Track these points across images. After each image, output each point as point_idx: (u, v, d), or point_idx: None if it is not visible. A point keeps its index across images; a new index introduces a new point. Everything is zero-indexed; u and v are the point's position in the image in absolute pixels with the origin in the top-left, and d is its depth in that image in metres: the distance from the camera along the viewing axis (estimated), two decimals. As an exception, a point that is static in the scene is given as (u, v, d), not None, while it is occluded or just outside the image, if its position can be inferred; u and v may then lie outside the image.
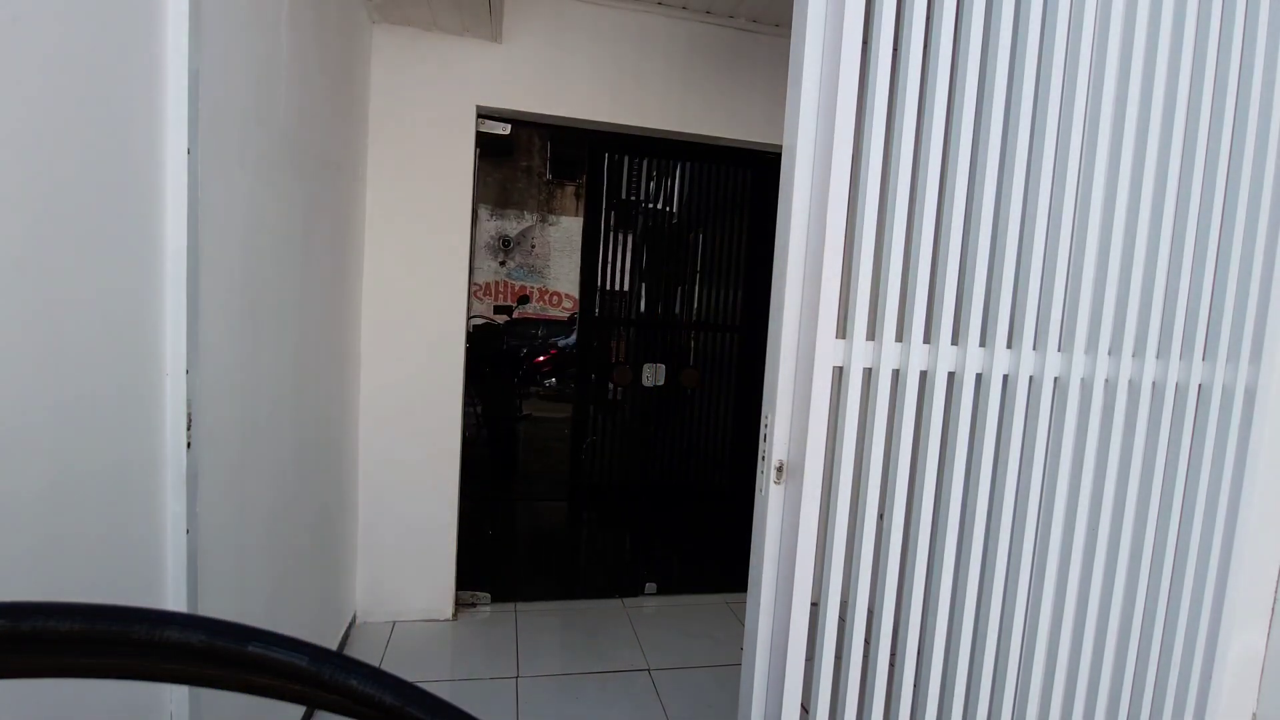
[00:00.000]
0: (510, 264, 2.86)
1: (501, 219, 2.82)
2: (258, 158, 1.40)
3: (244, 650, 0.34)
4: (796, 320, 1.29)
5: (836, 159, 1.22)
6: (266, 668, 0.34)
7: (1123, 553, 1.46)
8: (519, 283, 2.87)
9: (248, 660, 0.34)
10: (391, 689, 0.36)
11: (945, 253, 1.30)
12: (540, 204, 2.86)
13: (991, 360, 1.34)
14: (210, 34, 1.14)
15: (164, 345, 1.07)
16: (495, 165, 2.76)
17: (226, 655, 0.34)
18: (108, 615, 0.33)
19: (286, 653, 0.35)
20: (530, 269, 2.88)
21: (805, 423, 1.27)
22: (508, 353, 2.85)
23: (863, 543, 1.32)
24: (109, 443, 0.95)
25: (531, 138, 2.78)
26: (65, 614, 0.32)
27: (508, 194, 2.80)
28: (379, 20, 2.31)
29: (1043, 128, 1.31)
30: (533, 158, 2.83)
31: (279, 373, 1.59)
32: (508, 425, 2.93)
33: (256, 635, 0.35)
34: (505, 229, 2.83)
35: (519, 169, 2.81)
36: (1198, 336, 1.44)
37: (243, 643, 0.34)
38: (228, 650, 0.34)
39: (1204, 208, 1.42)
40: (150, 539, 1.07)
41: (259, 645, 0.35)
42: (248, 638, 0.35)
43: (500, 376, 2.86)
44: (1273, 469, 1.59)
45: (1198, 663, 1.53)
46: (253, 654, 0.34)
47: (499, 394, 2.89)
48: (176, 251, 1.07)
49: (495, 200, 2.77)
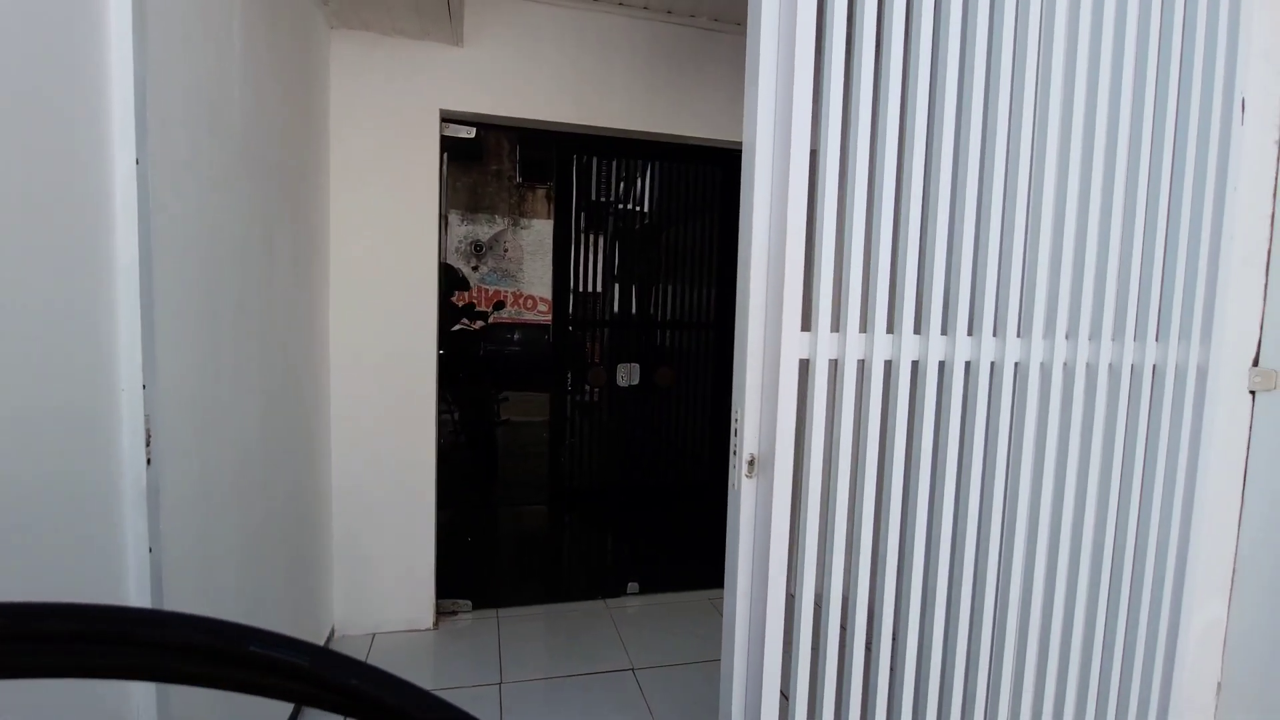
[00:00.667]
0: (483, 269, 2.85)
1: (473, 223, 2.80)
2: (211, 167, 1.37)
3: (245, 650, 0.34)
4: (762, 314, 1.31)
5: (795, 154, 1.23)
6: (269, 668, 0.34)
7: (1087, 532, 1.50)
8: (493, 287, 2.85)
9: (248, 660, 0.34)
10: (392, 688, 0.36)
11: (905, 243, 1.32)
12: (511, 207, 2.84)
13: (953, 348, 1.37)
14: (155, 44, 1.12)
15: (118, 360, 1.04)
16: (464, 169, 2.74)
17: (227, 655, 0.34)
18: (109, 617, 0.33)
19: (287, 652, 0.35)
20: (504, 273, 2.86)
21: (774, 416, 1.29)
22: (484, 358, 2.83)
23: (834, 533, 1.34)
24: (60, 459, 0.92)
25: (500, 141, 2.76)
26: (68, 615, 0.32)
27: (478, 198, 2.78)
28: (337, 26, 2.28)
29: (995, 117, 1.34)
30: (502, 161, 2.82)
31: (242, 384, 1.56)
32: (486, 430, 2.91)
33: (256, 635, 0.35)
34: (477, 234, 2.81)
35: (489, 173, 2.79)
36: (1150, 319, 1.48)
37: (242, 643, 0.34)
38: (228, 651, 0.34)
39: (1151, 191, 1.46)
40: (110, 558, 1.04)
41: (260, 645, 0.35)
42: (247, 638, 0.35)
43: (477, 382, 2.84)
44: (1226, 446, 1.64)
45: (1162, 635, 1.58)
46: (254, 654, 0.34)
47: (476, 400, 2.87)
48: (128, 265, 1.04)
49: (466, 205, 2.75)
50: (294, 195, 1.94)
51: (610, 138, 2.72)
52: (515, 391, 2.93)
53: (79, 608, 0.33)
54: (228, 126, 1.46)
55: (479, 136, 2.64)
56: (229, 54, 1.45)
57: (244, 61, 1.53)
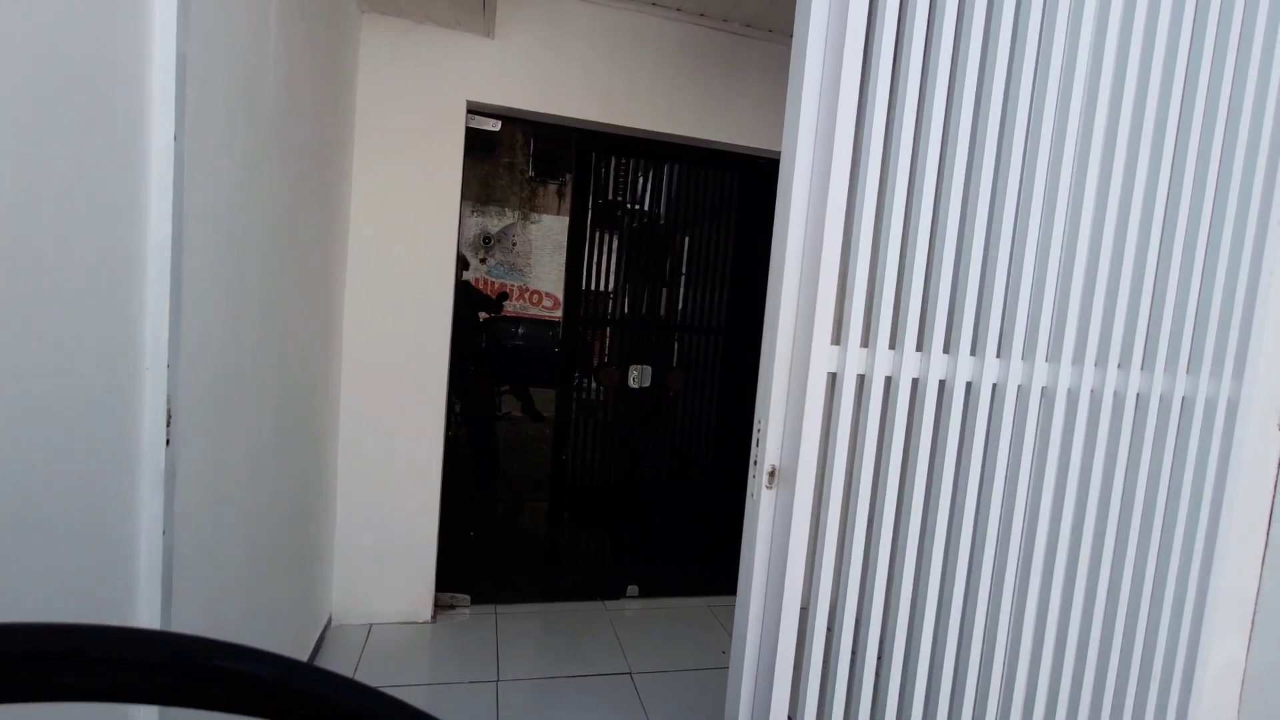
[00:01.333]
0: (490, 261, 2.82)
1: (483, 215, 2.78)
2: (245, 148, 1.36)
3: (209, 664, 0.33)
4: (792, 326, 1.29)
5: (835, 168, 1.22)
6: (236, 681, 0.33)
7: (1105, 563, 1.48)
8: (499, 280, 2.83)
9: (214, 675, 0.33)
10: (369, 700, 0.35)
11: (940, 261, 1.30)
12: (523, 201, 2.82)
13: (981, 369, 1.35)
14: (197, 17, 1.11)
15: (144, 338, 1.03)
16: (478, 161, 2.72)
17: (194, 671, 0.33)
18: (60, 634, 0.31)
19: (255, 665, 0.34)
20: (511, 266, 2.84)
21: (799, 428, 1.27)
22: (486, 350, 2.81)
23: (853, 549, 1.32)
24: (82, 439, 0.91)
25: (515, 134, 2.75)
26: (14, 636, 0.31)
27: (490, 190, 2.76)
28: (369, 10, 2.27)
29: (1037, 138, 1.32)
30: (515, 154, 2.79)
31: (261, 367, 1.55)
32: (488, 424, 2.89)
33: (221, 648, 0.34)
34: (486, 225, 2.79)
35: (501, 165, 2.77)
36: (1183, 349, 1.46)
37: (207, 656, 0.33)
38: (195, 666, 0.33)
39: (1191, 221, 1.44)
40: (125, 540, 1.03)
41: (224, 659, 0.34)
42: (211, 652, 0.33)
43: (480, 375, 2.82)
44: (1252, 482, 1.62)
45: (1178, 672, 1.56)
46: (219, 667, 0.33)
47: (478, 393, 2.85)
48: (160, 242, 1.03)
49: (477, 196, 2.74)
50: (318, 180, 1.93)
51: (629, 137, 2.70)
52: (518, 386, 2.90)
53: (29, 627, 0.31)
54: (262, 106, 1.44)
55: (497, 129, 2.64)
56: (265, 35, 1.44)
57: (279, 41, 1.52)
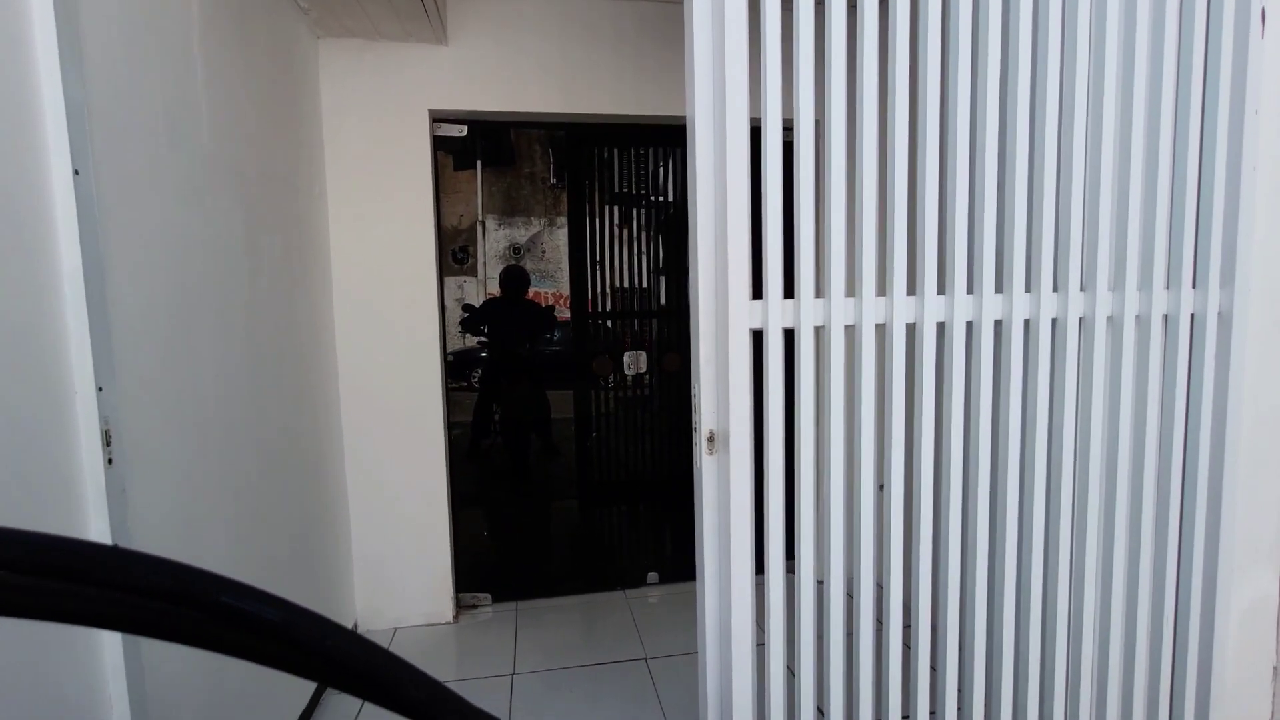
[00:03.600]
0: (535, 274, 2.86)
1: (510, 227, 2.82)
2: (175, 178, 1.42)
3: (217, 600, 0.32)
4: (712, 285, 1.25)
5: (731, 123, 1.18)
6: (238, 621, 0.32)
7: (1093, 504, 1.37)
8: (533, 289, 2.86)
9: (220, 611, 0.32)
10: (367, 652, 0.34)
11: (860, 202, 1.24)
12: (547, 208, 2.84)
13: (922, 308, 1.27)
14: (96, 66, 1.16)
15: (69, 362, 1.09)
16: (498, 175, 2.76)
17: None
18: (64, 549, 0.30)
19: (258, 607, 0.32)
20: (544, 274, 2.87)
21: (729, 390, 1.23)
22: (527, 358, 2.88)
23: (802, 510, 1.27)
24: (15, 461, 0.97)
25: (532, 144, 2.78)
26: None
27: (514, 202, 2.80)
28: (323, 35, 2.34)
29: (982, 50, 1.24)
30: (535, 163, 2.82)
31: (228, 385, 1.61)
32: (524, 428, 2.92)
33: (230, 586, 0.32)
34: (515, 237, 2.83)
35: (522, 176, 2.81)
36: (1157, 263, 1.34)
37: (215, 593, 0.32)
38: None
39: (1150, 117, 1.32)
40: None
41: (232, 597, 0.32)
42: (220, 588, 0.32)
43: (519, 381, 2.88)
44: (1262, 397, 1.47)
45: (1195, 614, 1.43)
46: (226, 605, 0.32)
47: (519, 398, 2.90)
48: (72, 270, 1.08)
49: (501, 209, 2.78)
50: (284, 202, 2.00)
51: (609, 125, 2.70)
52: (553, 390, 2.93)
53: (29, 535, 0.29)
54: (195, 141, 1.51)
55: (513, 139, 2.71)
56: (190, 73, 1.49)
57: (209, 77, 1.57)
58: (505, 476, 2.90)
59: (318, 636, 0.32)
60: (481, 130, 2.68)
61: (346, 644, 0.33)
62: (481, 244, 2.81)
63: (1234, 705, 1.49)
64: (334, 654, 0.32)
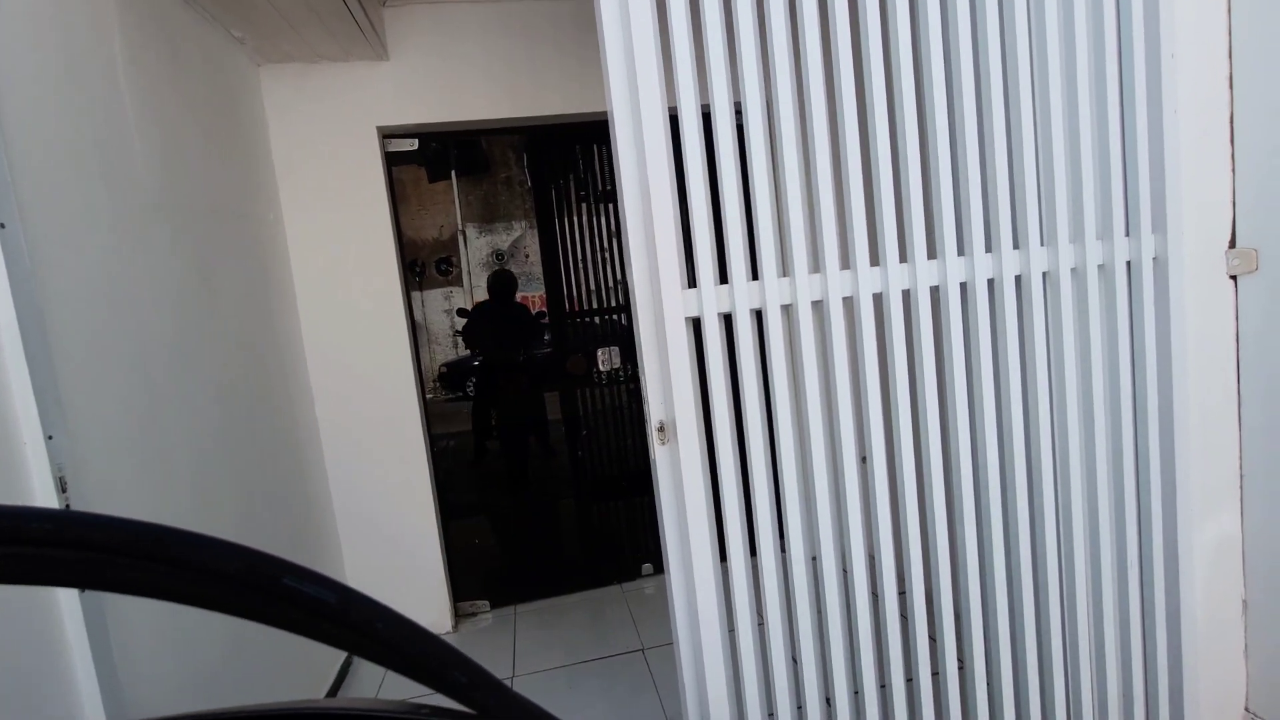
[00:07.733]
0: (521, 278, 2.87)
1: (491, 234, 2.82)
2: (114, 219, 1.43)
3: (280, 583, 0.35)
4: (646, 276, 1.27)
5: (646, 113, 1.19)
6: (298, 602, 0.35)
7: (1043, 461, 1.39)
8: (520, 293, 2.87)
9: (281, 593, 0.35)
10: (412, 636, 0.36)
11: (785, 179, 1.25)
12: (526, 211, 2.84)
13: (856, 281, 1.29)
14: (14, 120, 1.16)
15: (15, 413, 1.10)
16: (475, 183, 2.76)
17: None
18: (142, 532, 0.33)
19: (316, 589, 0.35)
20: (530, 277, 2.87)
21: (671, 379, 1.25)
22: (521, 362, 2.90)
23: (755, 495, 1.29)
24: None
25: (505, 150, 2.78)
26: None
27: (492, 208, 2.80)
28: (263, 63, 2.34)
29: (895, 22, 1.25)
30: (510, 168, 2.82)
31: (196, 418, 1.63)
32: (519, 431, 2.94)
33: (291, 569, 0.35)
34: (497, 243, 2.83)
35: (499, 181, 2.81)
36: (1087, 214, 1.35)
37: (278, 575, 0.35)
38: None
39: (1066, 63, 1.33)
40: (40, 602, 1.11)
41: (293, 579, 0.35)
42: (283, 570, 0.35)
43: (514, 384, 2.90)
44: (1208, 340, 1.48)
45: (1158, 556, 1.45)
46: (287, 587, 0.35)
47: (513, 401, 2.91)
48: (7, 324, 1.10)
49: (480, 216, 2.78)
50: (238, 230, 2.01)
51: (578, 124, 2.68)
52: (546, 391, 2.95)
53: (108, 519, 0.33)
54: (133, 181, 1.51)
55: (487, 146, 2.73)
56: (119, 113, 1.50)
57: (141, 117, 1.58)
58: (503, 481, 2.92)
59: (369, 619, 0.35)
60: (455, 140, 2.68)
61: (397, 627, 0.36)
62: (464, 253, 2.82)
63: (1207, 639, 1.51)
64: (383, 635, 0.35)
